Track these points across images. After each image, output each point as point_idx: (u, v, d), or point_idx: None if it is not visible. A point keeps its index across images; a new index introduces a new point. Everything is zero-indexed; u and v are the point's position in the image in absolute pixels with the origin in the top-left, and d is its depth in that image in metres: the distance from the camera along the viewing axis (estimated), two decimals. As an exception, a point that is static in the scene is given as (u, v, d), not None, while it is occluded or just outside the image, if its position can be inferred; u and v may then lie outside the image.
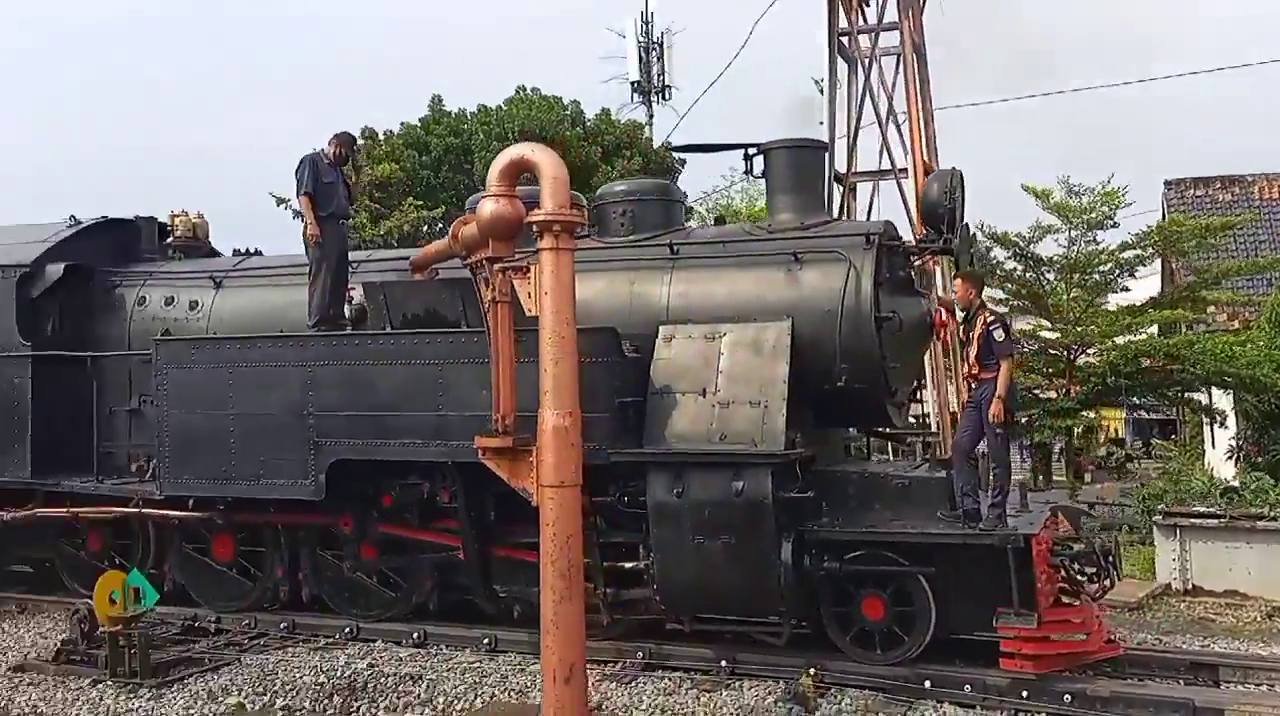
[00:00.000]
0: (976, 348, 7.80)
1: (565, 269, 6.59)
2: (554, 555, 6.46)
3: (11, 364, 10.41)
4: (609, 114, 31.81)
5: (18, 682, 8.61)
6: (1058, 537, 8.02)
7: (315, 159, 9.47)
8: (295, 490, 9.08)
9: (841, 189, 13.77)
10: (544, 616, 6.50)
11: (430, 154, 29.14)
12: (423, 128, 30.06)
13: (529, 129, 29.33)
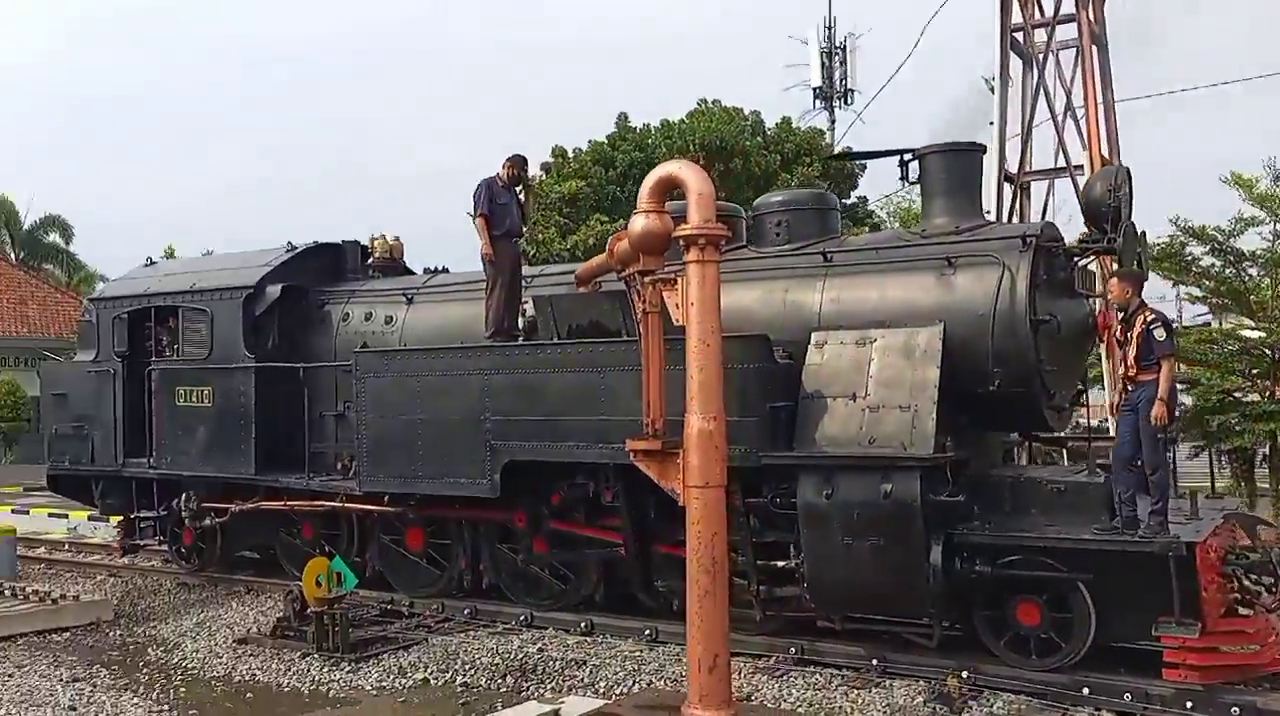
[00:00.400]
0: (1135, 348, 7.54)
1: (710, 280, 6.84)
2: (698, 552, 6.72)
3: (239, 374, 11.53)
4: (789, 122, 31.79)
5: (241, 653, 9.59)
6: (1231, 547, 7.68)
7: (490, 182, 10.09)
8: (473, 488, 9.70)
9: (1013, 188, 13.39)
10: (689, 610, 6.77)
11: (616, 169, 29.92)
12: (609, 144, 30.91)
13: (709, 141, 29.76)
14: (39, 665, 9.29)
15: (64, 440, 12.99)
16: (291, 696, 8.52)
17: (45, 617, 10.56)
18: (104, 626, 10.72)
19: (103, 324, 12.68)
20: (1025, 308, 8.11)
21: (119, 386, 12.38)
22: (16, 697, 8.27)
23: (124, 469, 12.45)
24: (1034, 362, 8.15)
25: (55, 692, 8.39)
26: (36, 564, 14.26)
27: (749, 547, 8.77)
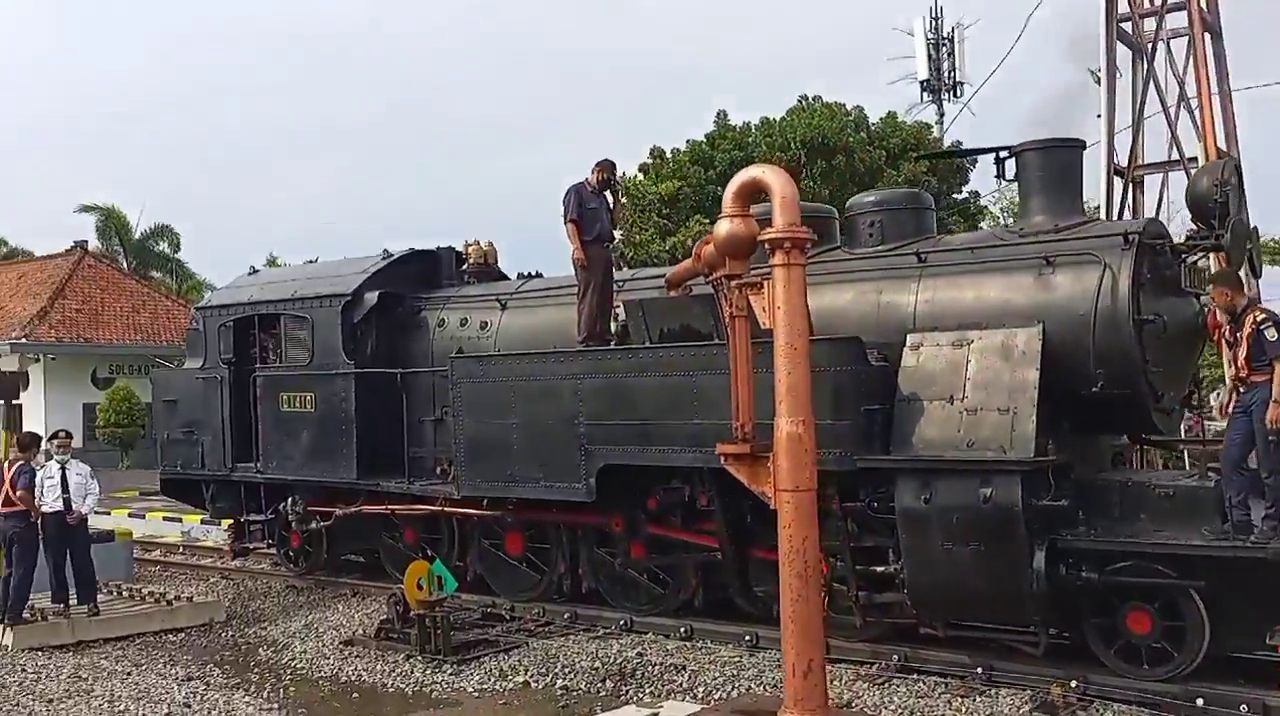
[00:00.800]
0: (1246, 348, 7.41)
1: (797, 283, 6.93)
2: (790, 556, 6.83)
3: (339, 380, 12.00)
4: (894, 117, 31.41)
5: (347, 655, 10.01)
6: None
7: (579, 188, 10.33)
8: (569, 492, 9.95)
9: (1124, 183, 13.12)
10: (783, 614, 6.89)
11: (715, 169, 29.91)
12: (708, 143, 30.91)
13: (810, 138, 29.67)
14: (155, 664, 9.84)
15: (175, 445, 13.66)
16: (395, 697, 8.87)
17: (161, 618, 11.16)
18: (216, 627, 11.28)
19: (209, 332, 13.30)
20: (1128, 307, 8.02)
21: (226, 392, 12.97)
22: (134, 695, 8.80)
23: (232, 473, 13.05)
24: (1139, 363, 8.06)
25: (170, 690, 8.90)
26: (152, 566, 15.01)
27: (847, 553, 8.85)
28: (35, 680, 9.27)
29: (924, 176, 28.51)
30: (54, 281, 36.10)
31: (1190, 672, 7.66)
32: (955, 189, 30.59)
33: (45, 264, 39.17)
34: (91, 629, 10.71)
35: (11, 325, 33.61)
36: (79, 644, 10.46)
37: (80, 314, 34.89)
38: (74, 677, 9.31)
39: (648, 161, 31.37)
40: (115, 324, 35.63)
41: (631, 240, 28.52)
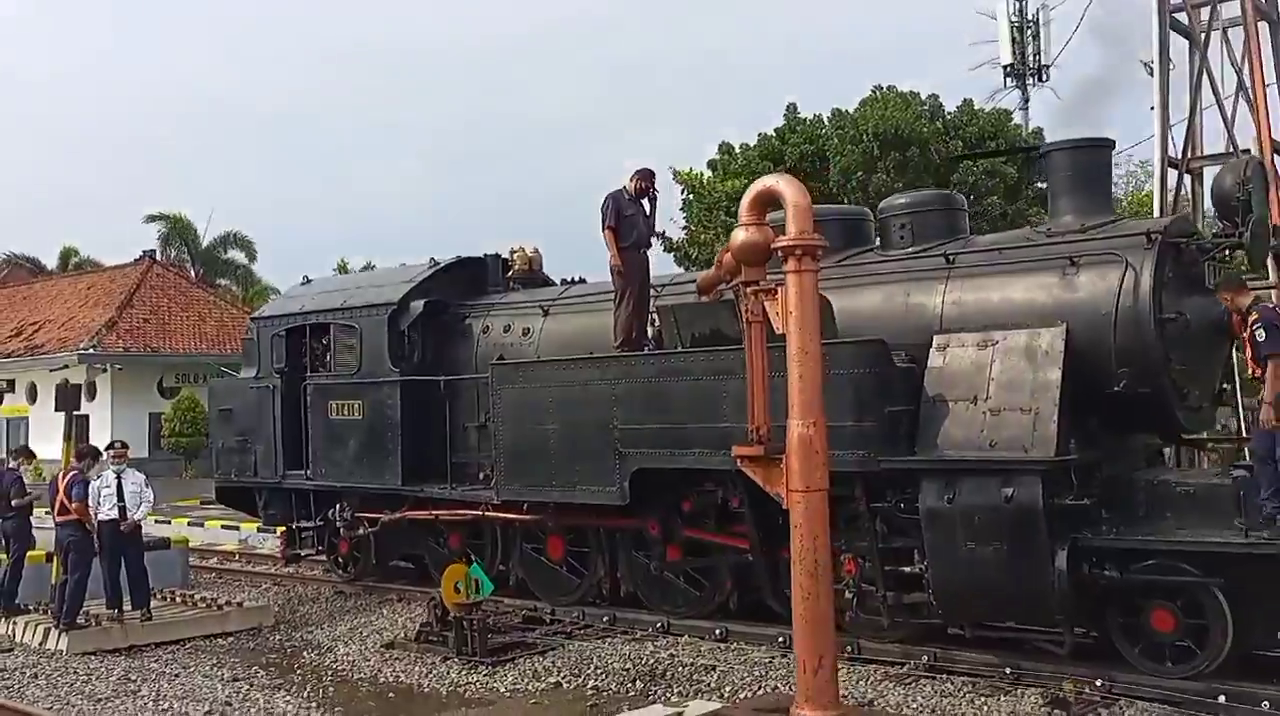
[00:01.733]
0: (1249, 349, 7.75)
1: (809, 289, 7.43)
2: (801, 555, 7.30)
3: (385, 388, 12.75)
4: (971, 105, 31.39)
5: (387, 657, 10.69)
6: None
7: (617, 195, 10.92)
8: (603, 496, 10.53)
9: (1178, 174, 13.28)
10: (795, 612, 7.37)
11: (785, 163, 30.14)
12: (778, 137, 31.15)
13: (882, 131, 29.87)
14: (203, 666, 10.63)
15: (229, 453, 14.55)
16: (430, 697, 9.53)
17: (212, 623, 11.97)
18: (265, 631, 12.05)
19: (262, 341, 14.17)
20: (1150, 306, 8.36)
21: (278, 401, 13.79)
22: (180, 693, 9.56)
23: (284, 481, 13.88)
24: (1161, 362, 8.39)
25: (214, 690, 9.63)
26: (208, 573, 15.95)
27: (875, 553, 9.28)
28: (85, 681, 10.07)
29: (1001, 166, 28.55)
30: (122, 291, 37.82)
31: (1214, 670, 7.97)
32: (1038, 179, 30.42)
33: (114, 274, 41.04)
34: (144, 633, 11.51)
35: (80, 335, 35.34)
36: (131, 648, 11.25)
37: (148, 324, 36.49)
38: (123, 679, 10.10)
39: (715, 157, 31.69)
40: (182, 333, 37.17)
41: (696, 239, 28.94)
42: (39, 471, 18.54)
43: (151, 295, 37.96)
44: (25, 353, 36.69)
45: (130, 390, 35.28)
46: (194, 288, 41.18)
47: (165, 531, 19.80)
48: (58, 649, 11.22)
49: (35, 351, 36.31)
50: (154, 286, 38.57)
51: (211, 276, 48.70)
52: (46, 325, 38.34)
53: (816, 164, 30.11)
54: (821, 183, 29.68)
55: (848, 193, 31.63)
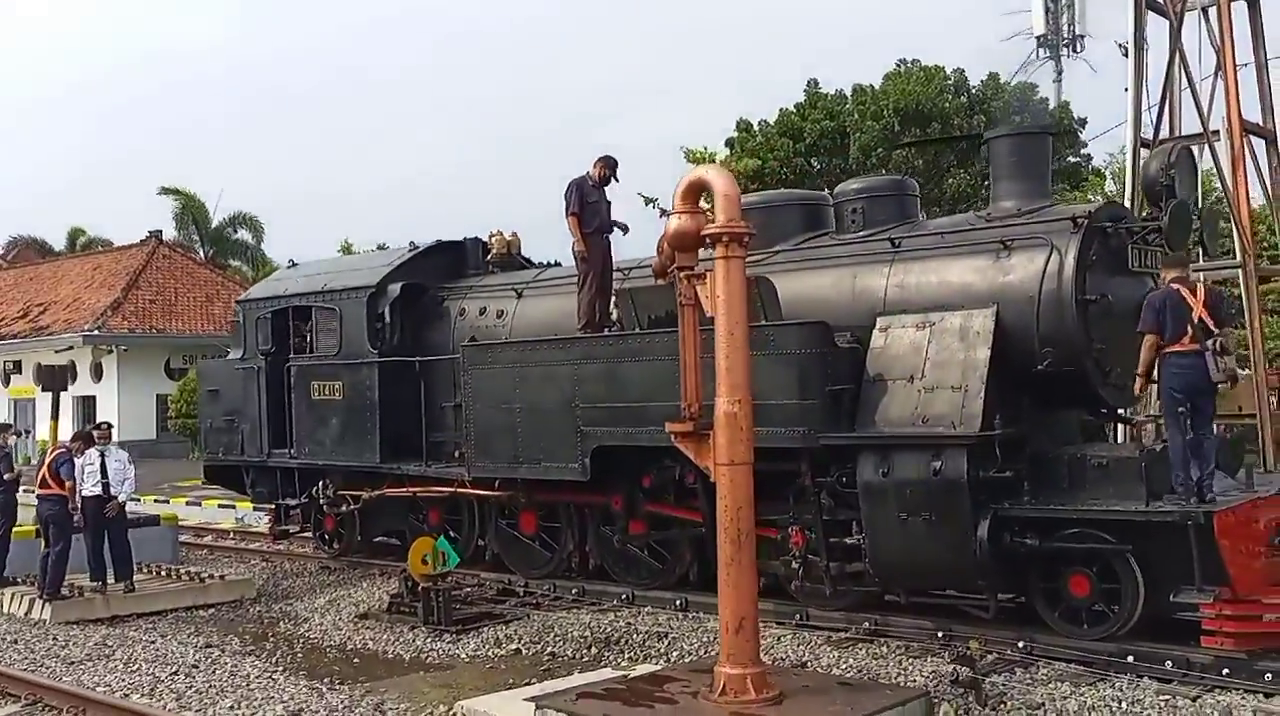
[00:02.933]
0: None
1: (736, 275, 8.21)
2: (726, 523, 8.14)
3: (364, 369, 13.68)
4: (997, 79, 31.85)
5: (359, 626, 11.65)
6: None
7: (580, 182, 11.76)
8: (567, 472, 11.42)
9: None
10: (720, 576, 8.21)
11: (805, 139, 30.64)
12: (798, 113, 31.64)
13: (904, 106, 30.42)
14: (181, 634, 11.61)
15: (217, 433, 15.56)
16: (393, 662, 10.46)
17: (194, 595, 12.98)
18: (246, 603, 13.05)
19: (248, 323, 15.13)
20: (1072, 288, 9.12)
21: (263, 382, 14.75)
22: (151, 657, 10.50)
23: (269, 459, 14.85)
24: (1084, 342, 9.17)
25: (185, 655, 10.55)
26: (200, 550, 17.00)
27: (819, 525, 10.12)
28: (63, 646, 11.05)
29: None
30: (128, 272, 39.03)
31: (1127, 632, 8.77)
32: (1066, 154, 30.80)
33: (120, 255, 42.27)
34: (126, 604, 12.53)
35: (85, 317, 36.60)
36: (113, 618, 12.27)
37: (153, 305, 37.68)
38: (100, 645, 11.06)
39: (734, 134, 32.17)
40: (188, 314, 38.33)
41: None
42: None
43: (158, 276, 39.17)
44: (31, 334, 37.99)
45: (136, 372, 36.47)
46: (201, 268, 42.35)
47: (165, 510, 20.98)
48: (41, 618, 12.24)
49: (40, 333, 37.60)
50: (160, 267, 39.78)
51: (222, 257, 49.94)
52: (52, 306, 39.65)
53: (838, 140, 30.72)
54: (842, 159, 30.35)
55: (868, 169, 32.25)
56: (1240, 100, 13.42)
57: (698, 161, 29.47)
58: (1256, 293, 12.98)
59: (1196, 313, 8.75)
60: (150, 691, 9.36)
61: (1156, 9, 14.05)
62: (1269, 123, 14.06)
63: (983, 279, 9.66)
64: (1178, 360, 8.67)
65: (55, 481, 12.66)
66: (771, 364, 9.81)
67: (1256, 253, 13.49)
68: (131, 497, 13.26)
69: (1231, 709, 7.61)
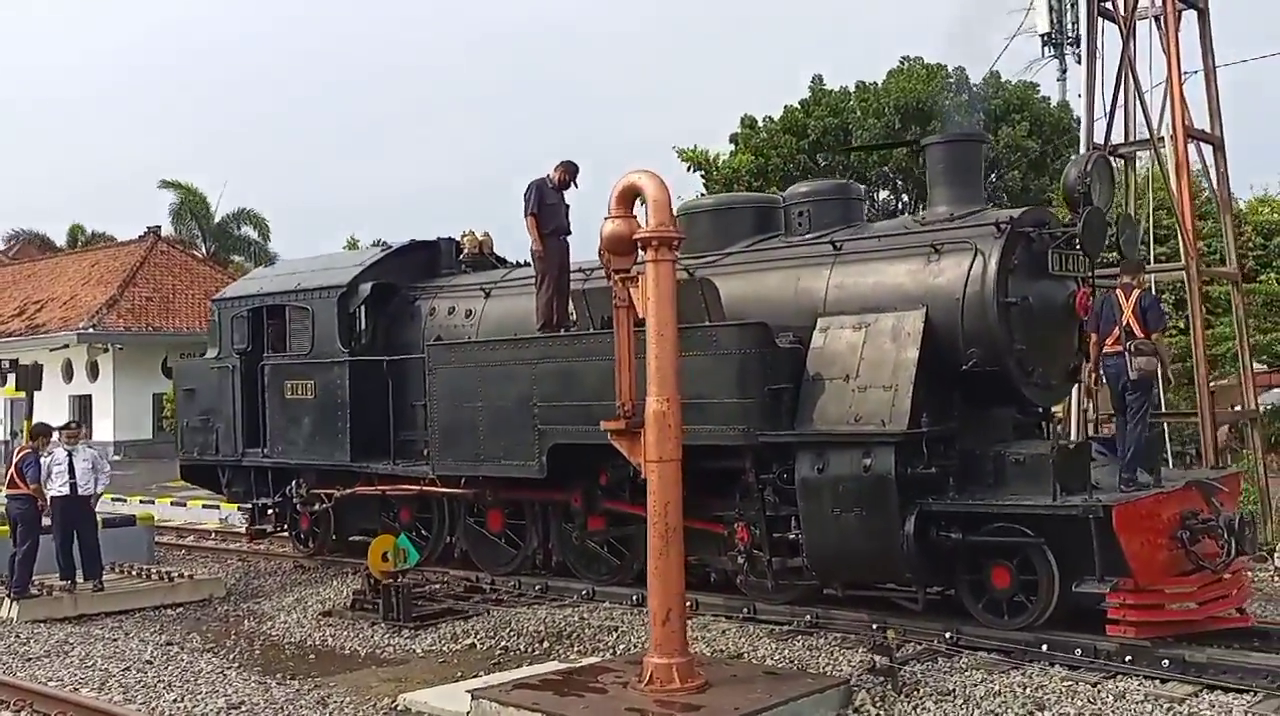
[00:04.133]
0: None
1: (665, 277, 9.00)
2: (654, 518, 8.95)
3: (335, 368, 14.55)
4: (997, 77, 32.44)
5: (321, 623, 12.48)
6: (1191, 512, 9.36)
7: (540, 184, 12.59)
8: (525, 470, 12.27)
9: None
10: (649, 569, 9.02)
11: (808, 136, 31.25)
12: (802, 110, 32.28)
13: (904, 104, 31.03)
14: (144, 632, 12.42)
15: (193, 432, 16.46)
16: (349, 657, 11.26)
17: (162, 594, 13.80)
18: (215, 602, 13.88)
19: (224, 322, 16.03)
20: (994, 290, 9.90)
21: (238, 381, 15.62)
22: (108, 654, 11.32)
23: (243, 459, 15.75)
24: (1005, 342, 9.96)
25: (143, 651, 11.37)
26: (179, 550, 17.94)
27: (762, 521, 10.92)
28: (24, 643, 11.86)
29: (1024, 140, 29.68)
30: (125, 269, 40.10)
31: (1046, 621, 9.54)
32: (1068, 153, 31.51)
33: (118, 252, 43.38)
34: (94, 603, 13.29)
35: (81, 314, 37.73)
36: (81, 616, 13.05)
37: (150, 302, 38.71)
38: (61, 642, 11.88)
39: (738, 131, 32.82)
40: (186, 312, 39.23)
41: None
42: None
43: (155, 273, 40.25)
44: (26, 332, 39.18)
45: (133, 371, 37.45)
46: (200, 265, 43.38)
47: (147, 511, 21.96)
48: (8, 616, 13.03)
49: (37, 331, 38.77)
50: (158, 264, 40.88)
51: (225, 253, 51.09)
52: (49, 304, 40.85)
53: (840, 137, 31.39)
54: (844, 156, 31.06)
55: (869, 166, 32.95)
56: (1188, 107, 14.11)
57: (690, 160, 30.15)
58: (1200, 295, 13.77)
59: (1125, 317, 9.89)
60: (100, 686, 10.15)
61: (1109, 17, 14.74)
62: (1216, 129, 14.76)
63: (914, 281, 10.44)
64: (1106, 358, 9.89)
65: (21, 481, 13.41)
66: (713, 363, 10.64)
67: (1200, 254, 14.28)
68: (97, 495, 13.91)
69: (1126, 693, 8.38)
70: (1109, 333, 10.04)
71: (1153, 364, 9.88)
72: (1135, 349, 9.73)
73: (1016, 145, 29.56)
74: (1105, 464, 10.36)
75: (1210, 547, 9.43)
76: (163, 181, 51.55)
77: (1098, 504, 8.88)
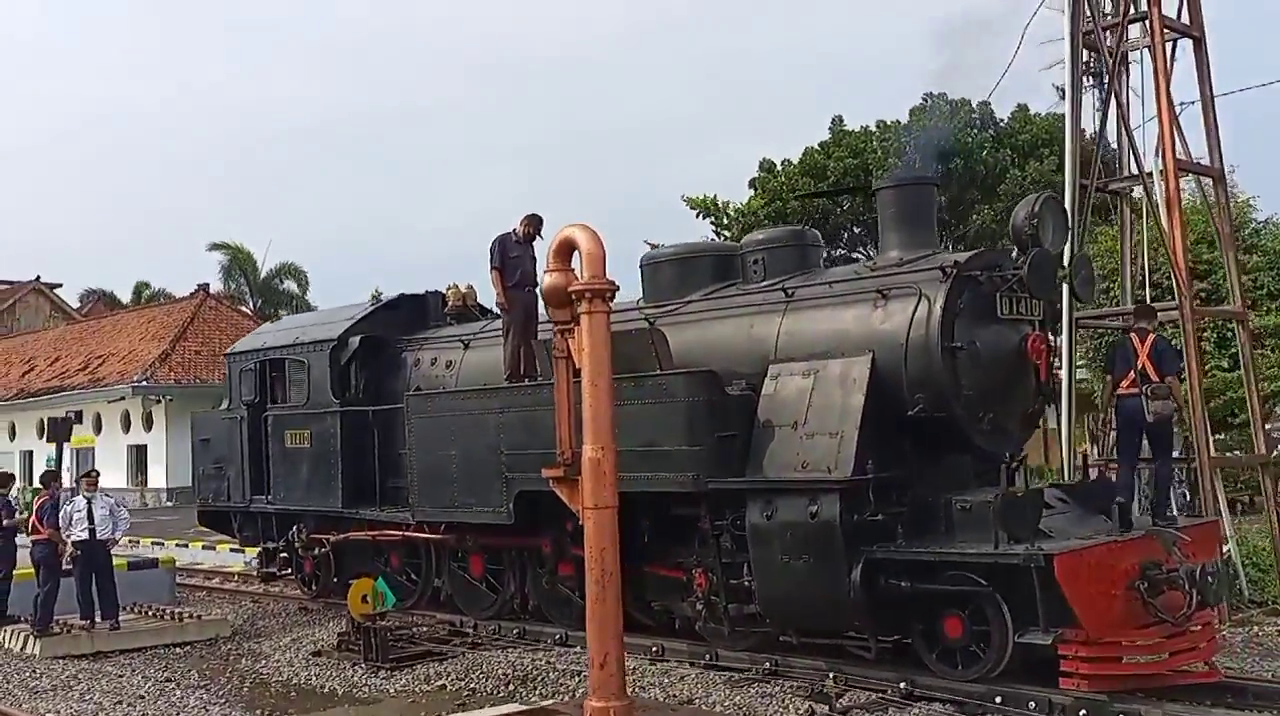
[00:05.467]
0: None
1: (599, 328, 8.52)
2: (591, 564, 8.43)
3: (328, 418, 14.17)
4: (1025, 110, 31.36)
5: (310, 663, 12.03)
6: (1151, 562, 8.65)
7: (504, 239, 12.19)
8: (494, 516, 11.78)
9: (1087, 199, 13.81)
10: (588, 613, 8.49)
11: (828, 178, 30.32)
12: (822, 152, 31.35)
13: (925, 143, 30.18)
14: (150, 669, 12.11)
15: (207, 480, 16.18)
16: (326, 696, 10.85)
17: (172, 633, 13.51)
18: (220, 641, 13.54)
19: (233, 375, 15.76)
20: (938, 335, 9.29)
21: (245, 431, 15.32)
22: (106, 689, 11.09)
23: (250, 505, 15.41)
24: (951, 388, 9.32)
25: (141, 687, 11.09)
26: (201, 591, 17.60)
27: (718, 567, 10.33)
28: (35, 678, 11.68)
29: (1053, 176, 28.58)
30: (178, 324, 40.42)
31: (1001, 673, 8.84)
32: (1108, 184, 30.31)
33: (172, 308, 43.82)
34: (110, 641, 13.11)
35: (136, 368, 37.89)
36: (97, 654, 12.85)
37: (199, 356, 38.80)
38: (71, 677, 11.64)
39: (756, 175, 32.12)
40: (237, 363, 39.41)
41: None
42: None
43: (204, 328, 40.42)
44: (89, 385, 39.41)
45: (183, 421, 37.16)
46: (246, 319, 43.45)
47: (178, 554, 21.73)
48: (31, 653, 12.88)
49: (97, 384, 38.98)
50: (207, 319, 41.07)
51: (269, 307, 51.26)
52: (110, 358, 41.08)
53: (861, 177, 30.64)
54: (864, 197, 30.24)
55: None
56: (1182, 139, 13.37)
57: (697, 208, 29.68)
58: (1194, 334, 12.90)
59: (1140, 361, 9.98)
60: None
61: (1093, 48, 14.05)
62: (1216, 161, 13.99)
63: (862, 327, 9.86)
64: (1121, 400, 9.92)
65: (41, 526, 13.33)
66: (664, 411, 10.13)
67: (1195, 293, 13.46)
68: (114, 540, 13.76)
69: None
70: (1124, 375, 10.20)
71: (1169, 408, 9.88)
72: (1152, 393, 9.83)
73: (1046, 180, 28.42)
74: (1064, 512, 9.66)
75: (1175, 599, 8.71)
76: (211, 244, 52.08)
77: (1039, 552, 8.20)
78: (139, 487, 37.85)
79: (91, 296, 59.76)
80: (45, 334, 50.09)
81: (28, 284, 62.61)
